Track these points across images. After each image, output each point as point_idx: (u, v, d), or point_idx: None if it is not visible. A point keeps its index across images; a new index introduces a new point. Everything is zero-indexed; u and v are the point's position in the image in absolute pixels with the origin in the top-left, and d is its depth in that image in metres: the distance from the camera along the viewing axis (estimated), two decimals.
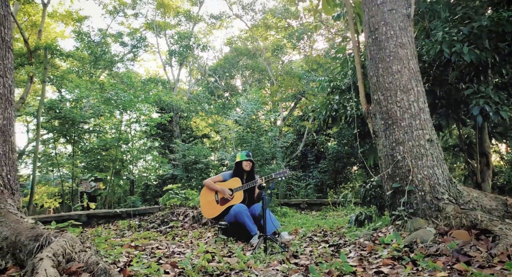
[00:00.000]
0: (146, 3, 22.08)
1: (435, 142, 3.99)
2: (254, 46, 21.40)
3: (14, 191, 3.31)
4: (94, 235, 5.77)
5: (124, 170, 16.19)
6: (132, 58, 22.45)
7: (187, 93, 22.06)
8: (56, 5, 38.56)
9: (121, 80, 16.42)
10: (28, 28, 21.88)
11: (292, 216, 7.73)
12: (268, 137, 15.50)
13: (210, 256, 2.85)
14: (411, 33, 4.20)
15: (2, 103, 3.39)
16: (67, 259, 2.46)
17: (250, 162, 5.08)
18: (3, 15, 3.59)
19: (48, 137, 17.85)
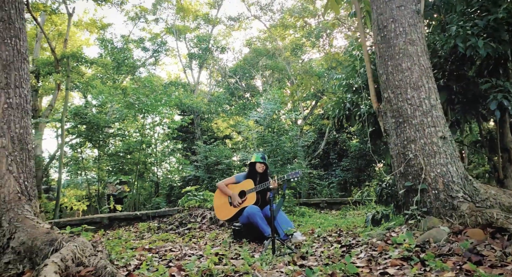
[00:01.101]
0: (166, 8, 22.46)
1: (448, 139, 3.91)
2: (273, 46, 21.40)
3: (31, 197, 3.42)
4: (115, 237, 5.91)
5: (148, 173, 16.46)
6: (154, 62, 22.84)
7: (208, 95, 22.26)
8: (81, 14, 39.59)
9: (143, 85, 16.70)
10: (55, 37, 22.56)
11: (311, 216, 7.70)
12: (288, 136, 15.47)
13: (217, 258, 2.88)
14: (421, 29, 4.12)
15: (18, 113, 3.51)
16: (77, 263, 2.53)
17: (264, 165, 5.10)
18: (18, 28, 3.71)
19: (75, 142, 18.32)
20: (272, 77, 23.52)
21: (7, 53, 3.52)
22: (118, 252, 3.42)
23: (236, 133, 22.67)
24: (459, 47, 4.54)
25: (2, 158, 3.27)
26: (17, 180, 3.30)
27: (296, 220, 6.90)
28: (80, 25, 24.70)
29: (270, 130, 15.48)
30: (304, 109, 20.84)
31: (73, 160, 16.02)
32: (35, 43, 21.68)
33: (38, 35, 21.19)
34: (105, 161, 15.38)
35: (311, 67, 19.89)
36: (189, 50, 21.30)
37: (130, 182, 15.59)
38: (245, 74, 23.13)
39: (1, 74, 3.44)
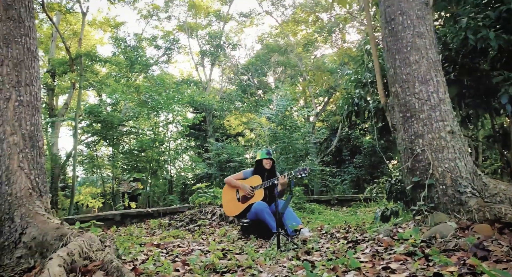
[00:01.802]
0: (178, 5, 22.57)
1: (457, 133, 3.86)
2: (285, 42, 21.34)
3: (42, 193, 3.50)
4: (127, 233, 5.99)
5: (161, 170, 16.61)
6: (167, 60, 23.00)
7: (220, 92, 22.33)
8: (95, 13, 40.09)
9: (155, 83, 16.84)
10: (70, 36, 22.88)
11: (321, 212, 7.69)
12: (301, 133, 15.43)
13: (221, 253, 2.91)
14: (430, 21, 4.08)
15: (29, 110, 3.59)
16: (84, 257, 2.58)
17: (271, 160, 5.10)
18: (28, 26, 3.79)
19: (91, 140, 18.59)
20: (284, 73, 23.47)
21: (17, 51, 3.60)
22: (127, 248, 3.47)
23: (248, 131, 22.71)
24: (470, 39, 4.47)
25: (14, 155, 3.34)
26: (28, 176, 3.38)
27: (306, 216, 6.90)
28: (94, 24, 25.01)
29: (282, 127, 15.46)
30: (317, 106, 20.76)
31: (88, 158, 16.27)
32: (50, 43, 22.04)
33: (53, 35, 21.52)
34: (119, 159, 15.58)
35: (323, 62, 19.79)
36: (201, 47, 21.39)
37: (143, 180, 15.77)
38: (257, 71, 23.12)
39: (12, 72, 3.52)
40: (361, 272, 2.39)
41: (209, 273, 2.43)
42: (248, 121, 19.86)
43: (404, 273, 2.40)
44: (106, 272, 2.45)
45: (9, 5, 3.63)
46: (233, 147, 16.92)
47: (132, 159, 15.38)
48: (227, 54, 22.20)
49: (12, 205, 3.21)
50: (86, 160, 16.36)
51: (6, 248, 3.10)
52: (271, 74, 24.09)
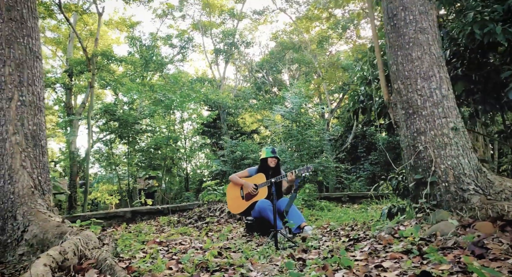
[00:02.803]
0: (192, 4, 22.66)
1: (460, 130, 3.79)
2: (299, 39, 21.24)
3: (45, 191, 3.57)
4: (136, 230, 6.08)
5: (175, 168, 16.76)
6: (182, 59, 23.16)
7: (234, 90, 22.37)
8: (111, 13, 40.60)
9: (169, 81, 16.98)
10: (87, 37, 23.23)
11: (331, 210, 7.64)
12: (315, 130, 15.35)
13: (216, 252, 2.92)
14: (432, 17, 4.00)
15: (31, 110, 3.66)
16: (79, 255, 2.63)
17: (276, 159, 5.09)
18: (30, 27, 3.86)
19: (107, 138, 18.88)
20: (299, 70, 23.36)
21: (20, 52, 3.68)
22: (128, 245, 3.52)
23: (264, 128, 22.71)
24: (476, 34, 4.38)
25: (16, 154, 3.42)
26: (30, 175, 3.45)
27: (314, 214, 6.87)
28: (110, 24, 25.35)
29: (296, 124, 15.41)
30: (332, 103, 20.61)
31: (104, 156, 16.51)
32: (68, 43, 22.43)
33: (71, 35, 21.88)
34: (134, 157, 15.79)
35: (338, 59, 19.62)
36: (214, 46, 21.46)
37: (158, 177, 15.95)
38: (271, 69, 23.08)
39: (14, 73, 3.60)
40: (351, 270, 2.37)
41: (199, 272, 2.45)
42: (262, 119, 19.85)
43: (395, 271, 2.37)
44: (99, 270, 2.49)
45: (11, 6, 3.71)
46: (247, 144, 16.93)
47: (147, 157, 15.56)
48: (241, 52, 22.21)
49: (14, 203, 3.28)
50: (102, 157, 16.60)
51: (9, 245, 3.18)
52: (286, 71, 24.01)
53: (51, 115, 27.96)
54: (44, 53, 30.40)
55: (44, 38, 27.06)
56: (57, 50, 27.78)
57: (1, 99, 3.50)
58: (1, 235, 3.21)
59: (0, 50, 3.59)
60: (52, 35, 26.54)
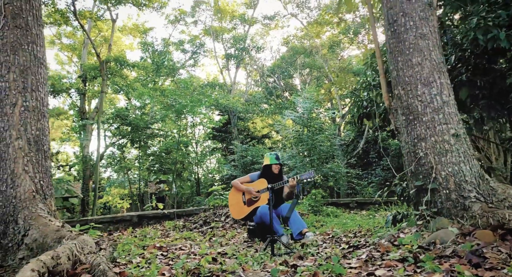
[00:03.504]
0: (204, 10, 22.88)
1: (462, 136, 3.74)
2: (311, 43, 21.23)
3: (46, 196, 3.63)
4: (142, 235, 6.13)
5: (186, 172, 16.86)
6: (193, 64, 23.35)
7: (245, 94, 22.45)
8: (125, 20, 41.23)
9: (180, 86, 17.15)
10: (102, 43, 23.63)
11: (338, 216, 7.59)
12: (325, 135, 15.30)
13: (211, 257, 2.93)
14: (433, 22, 3.97)
15: (35, 115, 3.74)
16: (74, 260, 2.66)
17: (279, 165, 5.09)
18: (35, 34, 3.94)
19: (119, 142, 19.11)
20: (310, 75, 23.34)
21: (24, 58, 3.75)
22: (127, 250, 3.55)
23: (275, 132, 22.71)
24: (479, 39, 4.33)
25: (19, 159, 3.49)
26: (32, 179, 3.51)
27: (320, 220, 6.83)
28: (124, 30, 25.73)
29: (308, 129, 15.38)
30: (343, 107, 20.52)
31: (115, 160, 16.72)
32: (82, 49, 22.83)
33: (85, 41, 22.28)
34: (145, 161, 15.94)
35: (350, 64, 19.54)
36: (225, 51, 21.59)
37: (168, 181, 16.06)
38: (283, 73, 23.10)
39: (19, 79, 3.67)
40: None
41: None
42: (273, 123, 19.88)
43: None
44: (93, 275, 2.52)
45: (16, 14, 3.80)
46: (257, 149, 16.97)
47: (158, 161, 15.70)
48: (252, 56, 22.31)
49: (16, 208, 3.35)
50: (114, 162, 16.80)
51: (10, 249, 3.23)
52: (297, 76, 24.00)
53: (66, 119, 28.44)
54: (60, 59, 30.99)
55: (61, 44, 27.59)
56: (72, 56, 28.29)
57: (5, 105, 3.57)
58: (2, 239, 3.27)
59: (5, 57, 3.68)
60: (68, 42, 27.02)
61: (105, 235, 6.33)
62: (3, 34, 3.72)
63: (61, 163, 31.69)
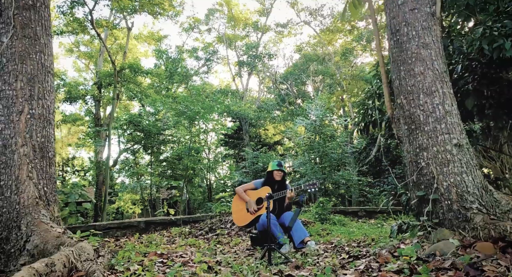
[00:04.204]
0: (218, 18, 23.10)
1: (464, 147, 3.70)
2: (324, 51, 21.23)
3: (50, 202, 3.70)
4: (148, 241, 6.17)
5: (197, 178, 16.93)
6: (207, 71, 23.57)
7: (257, 101, 22.52)
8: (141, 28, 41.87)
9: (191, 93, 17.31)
10: (118, 50, 24.03)
11: (345, 224, 7.53)
12: (337, 142, 15.25)
13: (206, 266, 2.95)
14: (436, 32, 3.95)
15: (40, 123, 3.82)
16: (70, 267, 2.70)
17: (281, 172, 5.08)
18: (43, 43, 4.04)
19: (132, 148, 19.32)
20: (323, 82, 23.31)
21: (31, 67, 3.85)
22: (126, 257, 3.58)
23: (287, 139, 22.70)
24: (485, 49, 4.29)
25: (23, 166, 3.57)
26: (36, 186, 3.59)
27: (327, 228, 6.79)
28: (140, 38, 26.13)
29: (320, 136, 15.35)
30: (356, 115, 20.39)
31: (127, 165, 16.91)
32: (98, 57, 23.25)
33: (101, 49, 22.69)
34: (156, 167, 16.08)
35: (362, 71, 19.45)
36: (238, 58, 21.73)
37: (179, 187, 16.16)
38: (296, 80, 23.13)
39: (26, 87, 3.77)
40: None
41: None
42: (285, 130, 19.89)
43: None
44: None
45: (25, 24, 3.90)
46: (269, 156, 16.97)
47: (169, 167, 15.82)
48: (265, 63, 22.41)
49: (19, 214, 3.41)
50: (126, 167, 16.99)
51: (12, 255, 3.29)
52: (310, 83, 23.99)
53: (82, 125, 28.88)
54: (78, 66, 31.57)
55: (78, 52, 28.12)
56: (89, 64, 28.81)
57: (12, 112, 3.66)
58: (5, 244, 3.33)
59: (13, 66, 3.78)
60: (85, 49, 27.53)
61: (112, 240, 6.39)
62: (12, 43, 3.82)
63: (77, 168, 32.19)
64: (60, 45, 32.52)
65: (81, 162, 33.72)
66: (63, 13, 17.63)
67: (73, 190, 12.25)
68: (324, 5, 19.79)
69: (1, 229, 3.39)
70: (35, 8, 4.02)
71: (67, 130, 34.67)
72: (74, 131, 33.70)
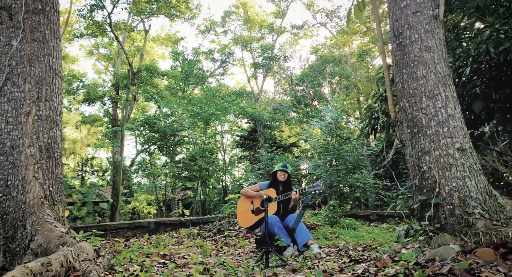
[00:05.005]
0: (234, 20, 23.23)
1: (468, 151, 3.64)
2: (340, 52, 21.12)
3: (55, 202, 3.79)
4: (156, 242, 6.25)
5: (211, 180, 17.02)
6: (222, 72, 23.73)
7: (272, 103, 22.54)
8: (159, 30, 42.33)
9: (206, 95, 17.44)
10: (135, 53, 24.38)
11: (356, 228, 7.46)
12: (352, 145, 15.12)
13: (202, 268, 2.98)
14: (439, 35, 3.91)
15: (47, 124, 3.92)
16: (67, 267, 2.76)
17: (286, 173, 5.08)
18: (52, 47, 4.15)
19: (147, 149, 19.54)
20: (339, 84, 23.18)
21: (39, 69, 3.96)
22: (128, 257, 3.65)
23: (304, 141, 22.64)
24: (491, 52, 4.22)
25: (30, 166, 3.67)
26: (42, 186, 3.68)
27: (336, 232, 6.75)
28: (157, 40, 26.48)
29: (336, 139, 15.25)
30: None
31: (143, 166, 17.13)
32: (116, 59, 23.63)
33: (119, 51, 23.06)
34: (171, 168, 16.24)
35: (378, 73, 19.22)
36: (253, 60, 21.81)
37: (194, 188, 16.28)
38: (312, 82, 23.05)
39: (34, 89, 3.87)
40: None
41: None
42: (299, 132, 19.84)
43: None
44: None
45: (34, 28, 4.01)
46: (283, 158, 16.95)
47: (184, 168, 15.96)
48: (281, 65, 22.42)
49: (25, 213, 3.51)
50: (141, 168, 17.21)
51: (17, 253, 3.39)
52: (327, 84, 23.89)
53: (100, 126, 29.38)
54: (98, 68, 32.19)
55: (98, 54, 28.66)
56: (108, 65, 29.30)
57: (20, 114, 3.77)
58: (11, 243, 3.43)
59: (22, 68, 3.89)
60: (104, 52, 28.03)
61: (122, 240, 6.49)
62: (21, 47, 3.93)
63: (96, 168, 32.76)
64: (81, 47, 33.22)
65: (100, 162, 34.29)
66: (83, 16, 18.01)
67: (90, 190, 12.50)
68: (340, 7, 19.72)
69: (8, 228, 3.48)
70: (44, 12, 4.13)
71: (86, 131, 35.33)
72: (93, 131, 34.30)
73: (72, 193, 10.39)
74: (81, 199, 10.24)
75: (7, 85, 3.80)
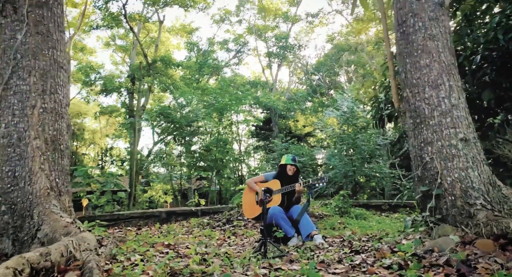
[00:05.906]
0: (249, 9, 23.10)
1: (471, 141, 3.59)
2: (356, 40, 20.81)
3: (62, 193, 3.89)
4: (167, 231, 6.36)
5: (225, 170, 17.13)
6: (237, 62, 23.69)
7: (286, 92, 22.43)
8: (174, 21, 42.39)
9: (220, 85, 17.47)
10: (151, 43, 24.52)
11: (366, 218, 7.43)
12: (368, 134, 14.97)
13: (199, 258, 3.03)
14: (444, 23, 3.83)
15: (52, 116, 4.01)
16: (68, 257, 2.83)
17: (295, 167, 5.05)
18: (56, 40, 4.22)
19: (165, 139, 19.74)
20: (356, 72, 22.89)
21: (44, 63, 4.03)
22: (130, 247, 3.73)
23: (319, 131, 22.53)
24: (500, 39, 4.11)
25: (36, 158, 3.77)
26: (48, 177, 3.78)
27: (345, 222, 6.74)
28: (172, 30, 26.54)
29: (353, 128, 15.13)
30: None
31: (158, 156, 17.34)
32: (132, 50, 23.82)
33: (134, 43, 23.23)
34: (186, 158, 16.41)
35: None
36: (268, 49, 21.69)
37: (209, 178, 16.43)
38: (328, 71, 22.82)
39: (38, 82, 3.95)
40: None
41: None
42: (315, 122, 19.73)
43: None
44: (82, 272, 2.67)
45: (38, 21, 4.08)
46: (298, 147, 16.91)
47: (199, 158, 16.11)
48: (296, 54, 22.25)
49: (32, 203, 3.61)
50: (157, 158, 17.44)
51: (25, 242, 3.50)
52: (343, 73, 23.63)
53: (118, 117, 29.79)
54: (115, 59, 32.48)
55: (115, 45, 28.93)
56: (125, 57, 29.54)
57: (26, 106, 3.86)
58: (19, 232, 3.55)
59: (27, 61, 3.97)
60: (121, 43, 28.25)
61: (134, 229, 6.62)
62: (25, 40, 4.00)
63: (114, 158, 33.29)
64: (98, 39, 33.50)
65: (119, 152, 34.82)
66: (99, 8, 18.17)
67: (108, 180, 12.74)
68: None
69: (16, 218, 3.60)
70: (48, 5, 4.19)
71: (105, 121, 35.86)
72: (112, 122, 34.77)
73: (90, 182, 10.62)
74: (99, 188, 10.44)
75: (13, 78, 3.88)
